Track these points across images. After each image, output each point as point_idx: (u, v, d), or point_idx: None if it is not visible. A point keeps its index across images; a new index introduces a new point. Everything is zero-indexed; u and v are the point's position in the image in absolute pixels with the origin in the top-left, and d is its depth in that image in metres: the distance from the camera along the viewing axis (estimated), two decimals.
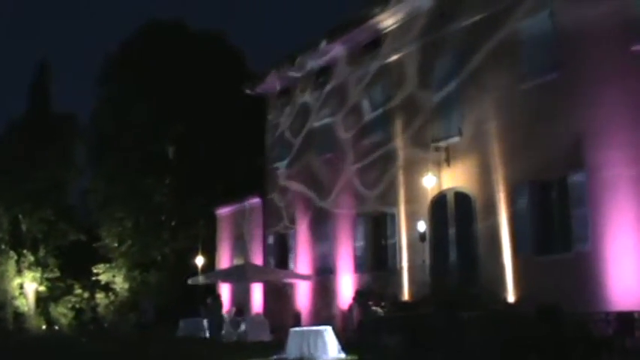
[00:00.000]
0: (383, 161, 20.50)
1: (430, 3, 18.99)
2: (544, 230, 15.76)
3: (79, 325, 36.37)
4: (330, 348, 14.70)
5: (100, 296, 36.73)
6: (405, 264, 19.22)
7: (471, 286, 16.52)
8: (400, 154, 19.95)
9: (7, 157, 36.99)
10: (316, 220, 23.21)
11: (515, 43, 16.64)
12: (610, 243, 14.01)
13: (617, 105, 14.23)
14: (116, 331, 31.76)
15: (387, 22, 20.55)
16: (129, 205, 34.93)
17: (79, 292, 37.76)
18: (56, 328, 37.27)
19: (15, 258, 36.64)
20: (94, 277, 36.47)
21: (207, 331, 23.21)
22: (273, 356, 15.00)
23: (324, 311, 21.78)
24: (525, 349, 12.05)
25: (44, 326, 37.50)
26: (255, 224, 27.11)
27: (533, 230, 15.88)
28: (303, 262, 23.62)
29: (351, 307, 20.05)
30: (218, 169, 33.11)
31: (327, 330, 15.07)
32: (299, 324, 21.61)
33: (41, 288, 37.43)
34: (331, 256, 22.28)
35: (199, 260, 29.24)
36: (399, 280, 19.23)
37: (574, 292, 13.95)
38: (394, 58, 20.50)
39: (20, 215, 37.50)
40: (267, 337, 21.18)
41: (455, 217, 17.93)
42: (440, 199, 18.33)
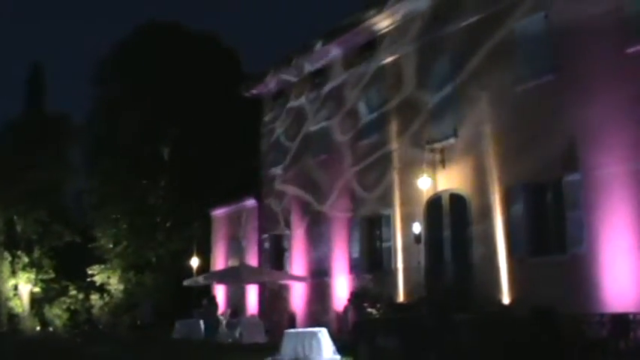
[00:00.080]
0: (379, 163, 20.48)
1: (426, 5, 19.01)
2: (539, 232, 15.75)
3: (73, 327, 36.21)
4: (325, 349, 14.74)
5: (95, 297, 36.59)
6: (400, 265, 19.21)
7: (466, 288, 16.53)
8: (396, 155, 19.95)
9: (2, 158, 36.84)
10: (311, 222, 23.17)
11: (511, 45, 16.63)
12: (605, 245, 14.02)
13: (612, 107, 14.24)
14: (112, 333, 31.67)
15: (383, 23, 20.54)
16: (124, 207, 34.84)
17: (73, 293, 37.58)
18: (51, 329, 37.11)
19: (9, 259, 36.51)
20: (88, 279, 36.32)
21: (203, 333, 23.19)
22: (267, 358, 15.01)
23: (319, 313, 21.75)
24: (520, 350, 12.08)
25: (39, 327, 37.35)
26: (251, 226, 27.07)
27: (528, 232, 15.87)
28: (298, 263, 23.59)
29: (346, 308, 20.02)
30: (213, 170, 33.06)
31: (322, 332, 15.09)
32: (294, 325, 21.60)
33: (36, 289, 37.28)
34: (326, 258, 22.24)
35: (194, 261, 29.21)
36: (394, 282, 19.22)
37: (569, 294, 13.96)
38: (390, 60, 20.51)
39: (15, 216, 37.36)
40: (262, 338, 21.18)
41: (450, 218, 17.92)
42: (435, 200, 18.32)
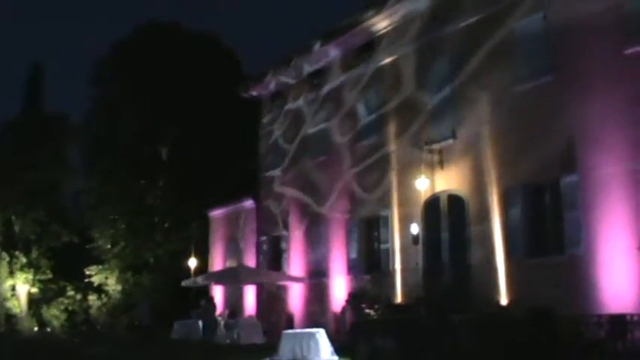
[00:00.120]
0: (377, 164, 20.47)
1: (425, 6, 19.02)
2: (537, 233, 15.76)
3: (71, 327, 36.15)
4: (323, 350, 14.72)
5: (93, 298, 36.53)
6: (398, 266, 19.20)
7: (464, 289, 16.52)
8: (394, 156, 19.94)
9: (1, 158, 36.76)
10: (310, 223, 23.15)
11: (510, 45, 16.64)
12: (603, 246, 14.03)
13: (611, 108, 14.26)
14: (109, 333, 31.63)
15: (382, 24, 20.55)
16: (122, 207, 34.82)
17: (71, 293, 37.51)
18: (48, 330, 37.05)
19: (7, 259, 36.44)
20: (86, 279, 36.30)
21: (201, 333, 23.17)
22: (265, 358, 14.99)
23: (317, 314, 21.74)
24: (518, 351, 12.07)
25: (36, 328, 37.29)
26: (249, 227, 27.06)
27: (526, 233, 15.88)
28: (296, 264, 23.58)
29: (344, 309, 20.01)
30: (211, 170, 33.04)
31: (320, 332, 15.08)
32: (292, 326, 21.58)
33: (33, 290, 37.18)
34: (324, 259, 22.23)
35: (192, 262, 29.18)
36: (392, 283, 19.21)
37: (567, 295, 13.96)
38: (389, 60, 20.51)
39: (13, 216, 37.30)
40: (259, 339, 21.17)
41: (448, 219, 17.92)
42: (433, 201, 18.32)
